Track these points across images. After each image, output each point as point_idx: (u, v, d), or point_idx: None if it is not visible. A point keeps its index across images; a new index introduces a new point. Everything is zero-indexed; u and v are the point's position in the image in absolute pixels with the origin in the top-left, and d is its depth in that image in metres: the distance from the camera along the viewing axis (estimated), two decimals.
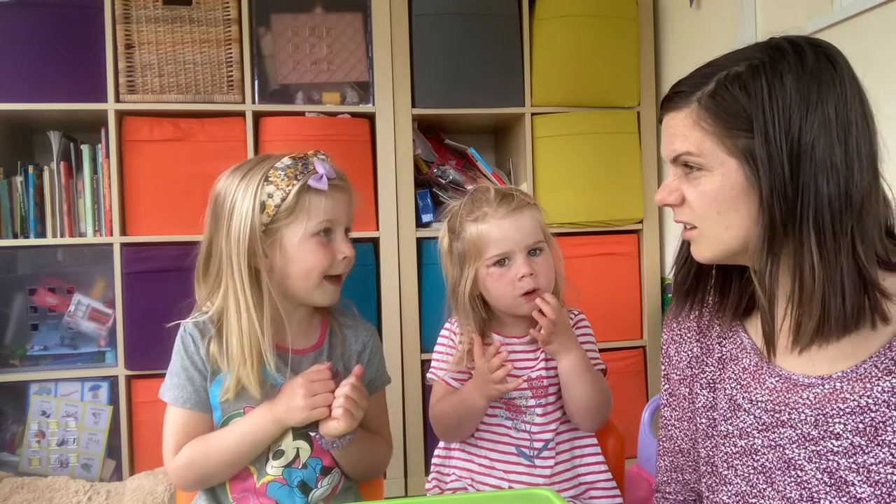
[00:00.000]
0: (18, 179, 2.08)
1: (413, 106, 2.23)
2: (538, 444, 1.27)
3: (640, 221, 2.36)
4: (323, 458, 1.14)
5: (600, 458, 1.32)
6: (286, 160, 1.11)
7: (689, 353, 0.99)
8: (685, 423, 1.00)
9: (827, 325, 0.78)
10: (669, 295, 2.35)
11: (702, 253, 0.88)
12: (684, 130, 0.84)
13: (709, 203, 0.83)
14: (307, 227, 1.08)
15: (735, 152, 0.80)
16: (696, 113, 0.82)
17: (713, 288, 0.95)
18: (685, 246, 0.93)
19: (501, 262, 1.25)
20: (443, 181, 2.29)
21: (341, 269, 1.12)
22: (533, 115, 2.28)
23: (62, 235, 2.09)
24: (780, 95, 0.77)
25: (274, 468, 1.11)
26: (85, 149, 2.10)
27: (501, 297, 1.27)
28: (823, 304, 0.77)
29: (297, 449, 1.12)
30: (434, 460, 1.37)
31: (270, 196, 1.07)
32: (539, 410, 1.28)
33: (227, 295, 1.09)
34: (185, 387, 1.10)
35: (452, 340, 1.33)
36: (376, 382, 1.24)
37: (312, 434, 1.11)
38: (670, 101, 0.86)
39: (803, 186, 0.77)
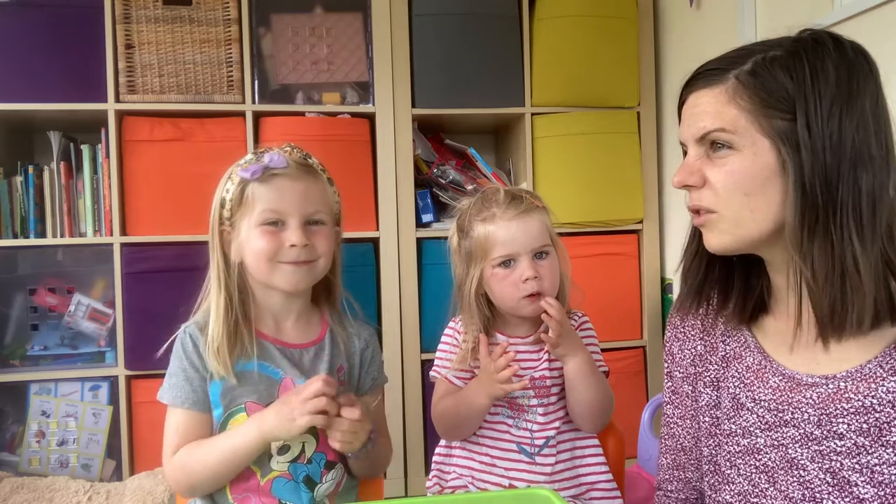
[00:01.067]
0: (18, 179, 2.08)
1: (413, 106, 2.23)
2: (539, 441, 1.28)
3: (640, 221, 2.36)
4: (327, 453, 1.14)
5: (601, 458, 1.32)
6: (248, 156, 1.15)
7: (693, 350, 0.98)
8: (687, 421, 1.00)
9: (867, 315, 0.77)
10: (670, 295, 2.35)
11: (717, 240, 0.85)
12: (718, 107, 0.81)
13: (735, 183, 0.81)
14: (252, 217, 1.11)
15: (770, 132, 0.78)
16: (732, 89, 0.80)
17: (716, 289, 0.93)
18: (694, 240, 0.92)
19: (507, 263, 1.26)
20: (443, 181, 2.29)
21: (291, 258, 1.11)
22: (533, 115, 2.28)
23: (62, 235, 2.09)
24: (822, 81, 0.77)
25: (279, 463, 1.11)
26: (85, 149, 2.10)
27: (505, 299, 1.28)
28: (866, 294, 0.76)
29: (303, 443, 1.12)
30: (435, 458, 1.37)
31: (227, 192, 1.13)
32: (541, 410, 1.29)
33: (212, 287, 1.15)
34: (183, 387, 1.10)
35: (456, 339, 1.33)
36: (378, 382, 1.26)
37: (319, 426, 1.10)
38: (699, 79, 0.84)
39: (843, 175, 0.76)
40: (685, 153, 0.89)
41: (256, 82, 2.16)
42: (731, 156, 0.81)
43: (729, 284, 0.92)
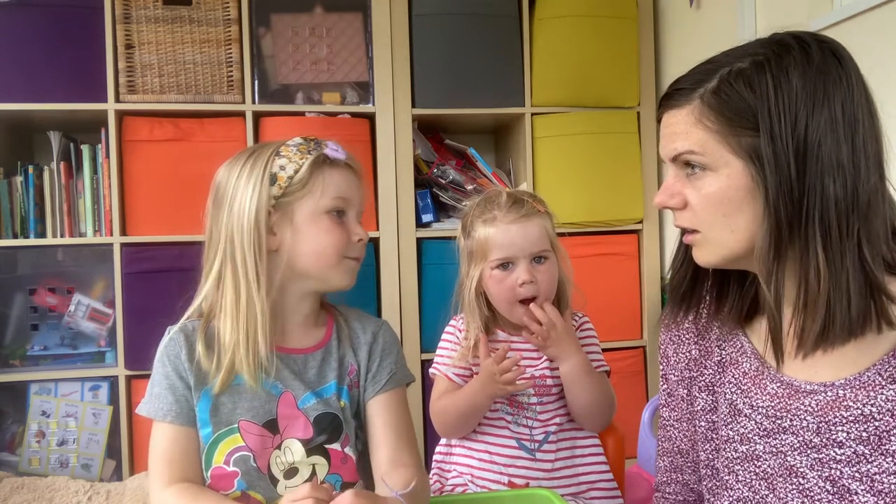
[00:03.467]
0: (18, 179, 2.08)
1: (413, 106, 2.23)
2: (539, 437, 1.29)
3: (640, 221, 2.36)
4: (343, 474, 1.02)
5: (602, 458, 1.33)
6: (297, 139, 1.05)
7: (688, 355, 0.97)
8: (684, 424, 0.99)
9: (832, 329, 0.76)
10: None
11: (705, 258, 0.84)
12: (686, 128, 0.80)
13: (713, 205, 0.80)
14: (320, 202, 1.01)
15: (740, 152, 0.77)
16: (698, 110, 0.79)
17: (710, 293, 0.93)
18: (682, 248, 0.91)
19: (505, 265, 1.28)
20: (443, 181, 2.29)
21: (357, 253, 1.05)
22: (533, 115, 2.28)
23: (62, 235, 2.09)
24: (786, 92, 0.75)
25: (289, 489, 0.98)
26: (85, 149, 2.10)
27: (500, 301, 1.29)
28: (828, 308, 0.75)
29: (314, 465, 1.00)
30: (435, 457, 1.38)
31: (283, 168, 1.01)
32: (540, 408, 1.30)
33: (223, 279, 1.00)
34: (166, 397, 0.99)
35: (457, 336, 1.35)
36: (397, 377, 1.10)
37: (329, 447, 1.01)
38: (670, 99, 0.83)
39: (809, 186, 0.74)
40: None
41: (256, 82, 2.16)
42: (707, 177, 0.80)
43: (724, 288, 0.91)
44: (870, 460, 0.77)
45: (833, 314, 0.75)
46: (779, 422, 0.84)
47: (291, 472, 0.99)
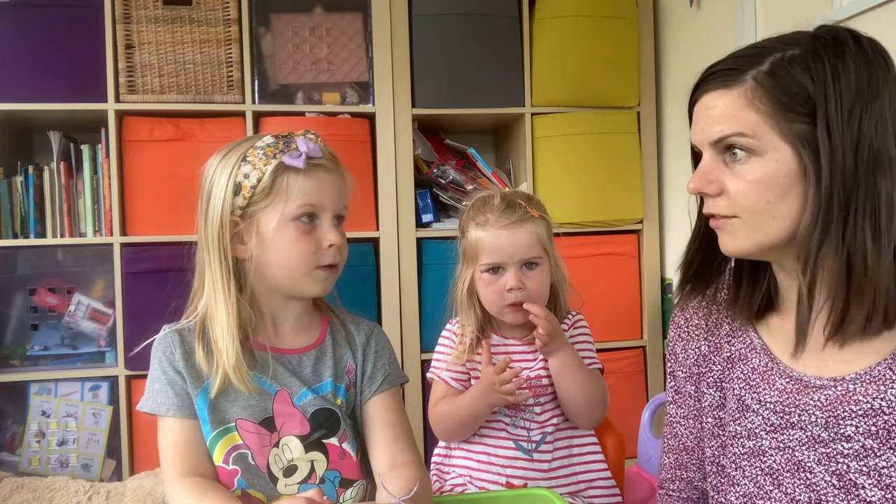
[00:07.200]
0: (18, 179, 2.08)
1: (413, 106, 2.23)
2: (536, 438, 1.29)
3: (640, 221, 2.36)
4: (342, 470, 1.02)
5: (599, 456, 1.33)
6: (267, 139, 1.01)
7: (697, 350, 0.97)
8: (690, 421, 0.99)
9: (875, 319, 0.76)
10: (670, 295, 2.35)
11: (736, 245, 0.82)
12: (735, 111, 0.78)
13: (759, 192, 0.77)
14: (285, 210, 0.97)
15: (790, 137, 0.76)
16: (751, 92, 0.77)
17: (729, 283, 0.92)
18: (699, 233, 0.89)
19: (494, 269, 1.28)
20: (443, 181, 2.29)
21: (329, 259, 1.00)
22: (533, 115, 2.28)
23: (62, 235, 2.09)
24: (843, 82, 0.74)
25: (288, 487, 0.99)
26: (85, 149, 2.10)
27: (490, 304, 1.30)
28: (875, 297, 0.75)
29: (312, 462, 1.00)
30: (434, 458, 1.38)
31: (246, 176, 0.98)
32: (538, 409, 1.30)
33: (211, 285, 1.01)
34: (166, 392, 0.99)
35: (453, 341, 1.35)
36: (392, 378, 1.10)
37: (326, 441, 1.01)
38: (713, 80, 0.81)
39: (861, 178, 0.74)
40: (694, 154, 0.87)
41: (256, 82, 2.16)
42: (752, 162, 0.78)
43: (737, 281, 0.91)
44: (878, 454, 0.77)
45: (877, 304, 0.76)
46: (787, 417, 0.84)
47: (290, 469, 1.00)
